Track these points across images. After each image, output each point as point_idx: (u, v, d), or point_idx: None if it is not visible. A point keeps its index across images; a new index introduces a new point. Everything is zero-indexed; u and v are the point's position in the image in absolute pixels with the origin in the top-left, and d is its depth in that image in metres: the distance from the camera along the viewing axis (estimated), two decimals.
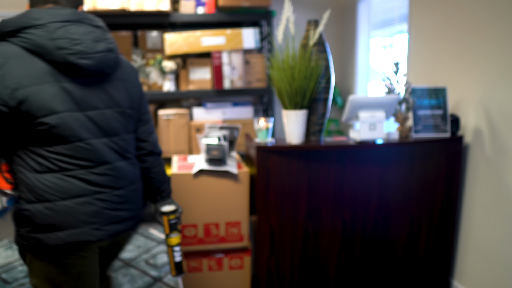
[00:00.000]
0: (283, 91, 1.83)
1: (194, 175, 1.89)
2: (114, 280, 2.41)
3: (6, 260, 2.75)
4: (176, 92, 3.19)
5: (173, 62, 3.18)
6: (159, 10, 2.95)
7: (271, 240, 1.94)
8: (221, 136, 1.94)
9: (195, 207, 1.92)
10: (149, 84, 3.33)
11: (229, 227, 1.98)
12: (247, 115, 3.31)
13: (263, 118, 1.93)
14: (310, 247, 1.97)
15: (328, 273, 2.02)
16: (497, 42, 1.78)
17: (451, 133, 2.00)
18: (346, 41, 3.70)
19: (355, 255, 2.02)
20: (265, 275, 1.97)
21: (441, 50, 2.19)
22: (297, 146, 1.86)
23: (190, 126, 3.22)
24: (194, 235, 1.96)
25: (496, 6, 1.79)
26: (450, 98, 2.09)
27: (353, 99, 1.79)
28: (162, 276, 2.48)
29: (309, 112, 1.92)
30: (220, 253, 2.02)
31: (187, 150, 3.25)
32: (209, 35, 3.06)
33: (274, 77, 1.85)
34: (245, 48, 3.09)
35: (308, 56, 1.82)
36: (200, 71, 3.20)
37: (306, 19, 2.01)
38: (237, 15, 3.09)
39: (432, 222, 2.04)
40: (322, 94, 1.89)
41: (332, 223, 1.96)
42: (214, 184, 1.91)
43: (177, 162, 2.08)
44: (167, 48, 3.06)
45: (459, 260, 2.10)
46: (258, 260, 1.95)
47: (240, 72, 3.08)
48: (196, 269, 2.02)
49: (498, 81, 1.79)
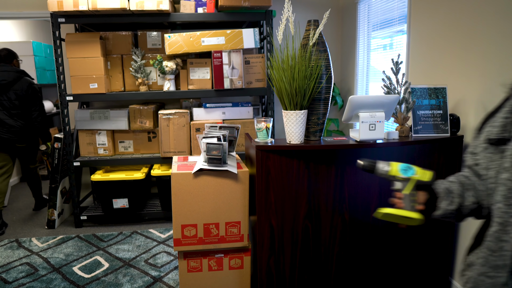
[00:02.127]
0: (283, 91, 1.83)
1: (194, 175, 1.89)
2: None
3: (6, 260, 2.75)
4: (176, 92, 3.19)
5: (173, 62, 3.18)
6: (159, 10, 2.95)
7: (271, 240, 1.94)
8: (221, 136, 1.94)
9: (195, 207, 1.92)
10: (149, 84, 3.33)
11: (229, 227, 1.98)
12: (247, 115, 3.31)
13: (262, 118, 1.93)
14: (310, 247, 1.97)
15: (328, 273, 2.02)
16: (497, 42, 1.78)
17: (451, 133, 2.00)
18: (346, 41, 3.70)
19: (355, 255, 2.02)
20: (265, 275, 1.97)
21: (441, 50, 2.19)
22: (297, 146, 1.86)
23: (190, 126, 3.23)
24: (194, 235, 1.96)
25: (496, 6, 1.79)
26: (450, 98, 2.09)
27: (353, 99, 1.79)
28: (162, 276, 2.48)
29: (309, 112, 1.92)
30: (220, 253, 2.02)
31: (187, 150, 3.25)
32: (209, 35, 3.07)
33: (274, 77, 1.85)
34: (245, 48, 3.10)
35: (308, 56, 1.82)
36: (200, 71, 3.20)
37: (306, 19, 2.01)
38: (237, 15, 3.09)
39: (432, 222, 2.04)
40: (322, 94, 1.89)
41: (332, 223, 1.96)
42: (214, 184, 1.91)
43: (177, 162, 2.08)
44: (167, 48, 3.06)
45: (459, 260, 2.10)
46: (258, 260, 1.95)
47: (240, 72, 3.09)
48: (196, 269, 2.02)
49: (498, 81, 1.79)
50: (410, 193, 1.09)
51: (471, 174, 1.10)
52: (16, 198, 4.27)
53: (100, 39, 3.14)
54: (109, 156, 3.33)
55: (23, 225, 3.45)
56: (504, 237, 0.91)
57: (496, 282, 0.93)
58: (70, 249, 2.91)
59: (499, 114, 1.00)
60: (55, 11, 2.92)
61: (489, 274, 0.94)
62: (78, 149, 3.38)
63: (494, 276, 0.93)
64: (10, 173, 3.37)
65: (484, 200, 1.07)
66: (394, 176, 1.12)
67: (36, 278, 2.48)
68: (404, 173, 1.10)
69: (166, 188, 3.29)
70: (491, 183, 0.98)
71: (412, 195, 1.09)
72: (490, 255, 0.94)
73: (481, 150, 1.02)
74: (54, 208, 3.34)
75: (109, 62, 3.29)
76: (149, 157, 3.30)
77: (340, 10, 3.77)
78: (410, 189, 1.10)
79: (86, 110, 3.28)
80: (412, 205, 1.09)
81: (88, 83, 3.12)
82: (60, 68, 3.12)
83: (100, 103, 3.76)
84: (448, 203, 1.07)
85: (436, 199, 1.09)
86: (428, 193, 1.10)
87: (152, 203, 3.64)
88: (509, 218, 0.89)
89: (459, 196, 1.08)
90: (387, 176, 1.13)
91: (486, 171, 1.00)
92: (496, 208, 0.93)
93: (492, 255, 0.93)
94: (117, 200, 3.28)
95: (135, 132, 3.37)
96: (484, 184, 1.06)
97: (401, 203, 1.10)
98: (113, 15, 3.02)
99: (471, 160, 1.09)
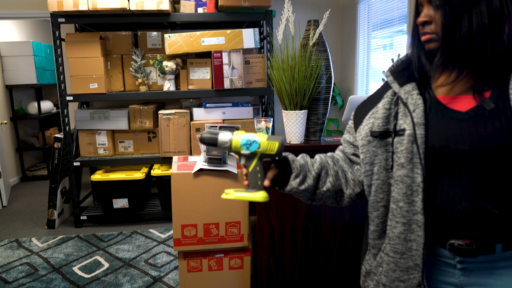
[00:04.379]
0: (283, 91, 1.83)
1: (194, 175, 1.89)
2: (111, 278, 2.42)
3: (6, 260, 2.75)
4: (176, 92, 3.19)
5: (173, 62, 3.18)
6: (159, 10, 2.95)
7: (271, 240, 1.94)
8: None
9: (195, 207, 1.93)
10: (149, 84, 3.33)
11: (229, 227, 1.98)
12: (247, 115, 3.31)
13: (262, 118, 1.93)
14: (310, 247, 1.98)
15: (329, 273, 2.02)
16: None
17: None
18: (346, 41, 3.70)
19: (356, 255, 2.02)
20: (265, 275, 1.97)
21: None
22: (297, 146, 1.86)
23: (190, 126, 3.23)
24: (194, 235, 1.96)
25: None
26: None
27: (353, 99, 1.79)
28: (162, 276, 2.48)
29: (309, 112, 1.92)
30: (220, 253, 2.02)
31: (187, 150, 3.25)
32: (209, 35, 3.07)
33: (274, 77, 1.85)
34: (245, 48, 3.10)
35: (308, 56, 1.82)
36: (200, 71, 3.20)
37: (306, 19, 2.01)
38: (237, 15, 3.09)
39: None
40: (322, 94, 1.89)
41: (332, 223, 1.97)
42: (214, 184, 1.91)
43: (177, 162, 2.08)
44: (167, 48, 3.06)
45: None
46: (258, 260, 1.95)
47: (240, 72, 3.09)
48: (196, 269, 2.02)
49: None
50: (253, 170, 0.95)
51: (342, 159, 1.03)
52: (16, 198, 4.28)
53: (100, 39, 3.14)
54: (109, 156, 3.33)
55: (23, 225, 3.46)
56: (411, 236, 0.86)
57: (410, 284, 0.88)
58: (70, 249, 2.91)
59: (380, 104, 0.94)
60: (55, 11, 2.92)
61: (402, 278, 0.89)
62: (78, 149, 3.38)
63: (408, 279, 0.88)
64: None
65: (348, 190, 1.00)
66: (238, 151, 0.95)
67: (36, 278, 2.48)
68: (246, 148, 0.94)
69: (166, 188, 3.29)
70: (375, 180, 0.92)
71: (256, 173, 0.95)
72: (400, 258, 0.88)
73: (365, 143, 0.93)
74: (54, 208, 3.34)
75: (109, 62, 3.29)
76: (149, 157, 3.30)
77: (340, 10, 3.77)
78: (253, 166, 0.95)
79: (86, 110, 3.28)
80: (258, 182, 0.95)
81: (88, 83, 3.13)
82: (60, 68, 3.12)
83: (100, 103, 3.76)
84: (299, 182, 0.97)
85: (289, 174, 0.98)
86: (278, 168, 0.98)
87: (152, 203, 3.64)
88: (413, 216, 0.85)
89: (315, 178, 0.99)
90: (230, 150, 0.96)
91: (370, 167, 0.92)
92: (398, 207, 0.87)
93: (402, 257, 0.88)
94: (117, 200, 3.28)
95: (135, 132, 3.37)
96: (355, 175, 1.00)
97: (246, 182, 0.97)
98: (113, 15, 3.02)
99: (349, 149, 1.02)
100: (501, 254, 0.82)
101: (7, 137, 4.74)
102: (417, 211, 0.84)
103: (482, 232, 0.81)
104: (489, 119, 0.79)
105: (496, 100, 0.79)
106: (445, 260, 0.88)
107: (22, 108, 5.05)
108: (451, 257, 0.86)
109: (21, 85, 4.76)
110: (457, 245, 0.83)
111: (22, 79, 4.76)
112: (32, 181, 5.00)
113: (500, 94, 0.80)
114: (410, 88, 0.89)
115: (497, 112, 0.78)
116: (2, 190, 3.97)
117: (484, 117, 0.79)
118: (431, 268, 0.90)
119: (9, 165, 4.72)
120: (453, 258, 0.86)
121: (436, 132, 0.83)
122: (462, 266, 0.85)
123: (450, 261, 0.87)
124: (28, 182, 4.94)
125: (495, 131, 0.77)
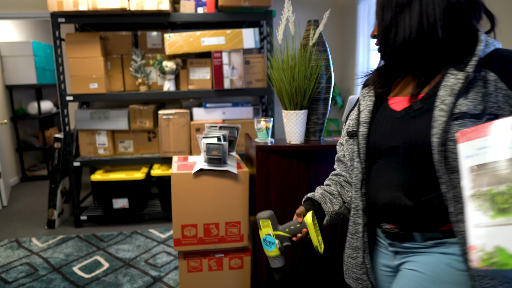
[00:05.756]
0: (283, 91, 1.83)
1: (194, 175, 1.89)
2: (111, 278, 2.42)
3: (6, 260, 2.75)
4: (176, 92, 3.19)
5: (173, 62, 3.18)
6: (159, 10, 2.95)
7: None
8: (221, 136, 1.94)
9: (195, 207, 1.92)
10: (149, 84, 3.33)
11: (229, 227, 1.98)
12: (247, 115, 3.31)
13: (262, 118, 1.93)
14: (310, 246, 1.97)
15: (329, 273, 2.02)
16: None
17: None
18: (346, 41, 3.70)
19: None
20: (265, 275, 1.97)
21: None
22: (297, 146, 1.86)
23: (190, 126, 3.23)
24: (194, 235, 1.96)
25: (496, 5, 1.79)
26: None
27: (353, 99, 1.79)
28: (162, 276, 2.48)
29: (309, 112, 1.92)
30: (220, 253, 2.02)
31: (187, 150, 3.25)
32: (209, 35, 3.07)
33: (274, 77, 1.85)
34: (245, 48, 3.10)
35: (308, 56, 1.82)
36: (200, 71, 3.20)
37: (306, 19, 2.01)
38: (237, 15, 3.09)
39: None
40: (322, 94, 1.89)
41: None
42: (214, 184, 1.91)
43: (177, 162, 2.08)
44: (167, 48, 3.06)
45: None
46: (258, 260, 1.95)
47: (240, 72, 3.09)
48: (196, 269, 2.02)
49: None
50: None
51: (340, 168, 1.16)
52: (16, 198, 4.28)
53: (100, 39, 3.14)
54: (109, 156, 3.33)
55: (23, 225, 3.46)
56: (358, 220, 1.00)
57: (357, 262, 1.03)
58: (70, 249, 2.91)
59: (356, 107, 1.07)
60: (55, 11, 2.92)
61: (352, 256, 1.04)
62: (78, 149, 3.38)
63: (356, 257, 1.03)
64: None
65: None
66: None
67: (36, 278, 2.48)
68: (268, 248, 1.13)
69: (166, 188, 3.29)
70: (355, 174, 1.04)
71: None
72: (351, 238, 1.04)
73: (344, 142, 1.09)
74: (54, 208, 3.34)
75: (109, 62, 3.29)
76: (149, 157, 3.30)
77: (340, 10, 3.77)
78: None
79: (86, 110, 3.28)
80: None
81: (88, 83, 3.13)
82: (60, 68, 3.12)
83: (100, 103, 3.76)
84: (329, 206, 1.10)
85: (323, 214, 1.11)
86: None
87: (152, 203, 3.64)
88: (358, 203, 0.99)
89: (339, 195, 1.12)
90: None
91: (351, 162, 1.05)
92: (353, 195, 1.02)
93: (352, 238, 1.03)
94: (117, 200, 3.28)
95: (135, 132, 3.37)
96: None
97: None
98: (113, 15, 3.02)
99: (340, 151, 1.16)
100: (424, 243, 0.90)
101: (7, 137, 4.74)
102: (358, 198, 0.99)
103: (399, 220, 0.91)
104: (413, 118, 0.88)
105: (426, 101, 0.88)
106: (382, 242, 1.01)
107: (22, 108, 5.05)
108: (385, 239, 0.99)
109: (21, 85, 4.76)
110: (385, 228, 0.96)
111: (22, 79, 4.76)
112: (32, 181, 5.00)
113: (432, 95, 0.87)
114: (366, 91, 1.03)
115: (422, 112, 0.87)
116: (2, 190, 3.97)
117: (410, 117, 0.89)
118: (376, 251, 1.04)
119: (9, 165, 4.72)
120: (385, 241, 0.99)
121: (374, 130, 0.96)
122: (393, 249, 0.97)
123: (385, 243, 1.00)
124: (28, 182, 4.94)
125: (416, 129, 0.86)
